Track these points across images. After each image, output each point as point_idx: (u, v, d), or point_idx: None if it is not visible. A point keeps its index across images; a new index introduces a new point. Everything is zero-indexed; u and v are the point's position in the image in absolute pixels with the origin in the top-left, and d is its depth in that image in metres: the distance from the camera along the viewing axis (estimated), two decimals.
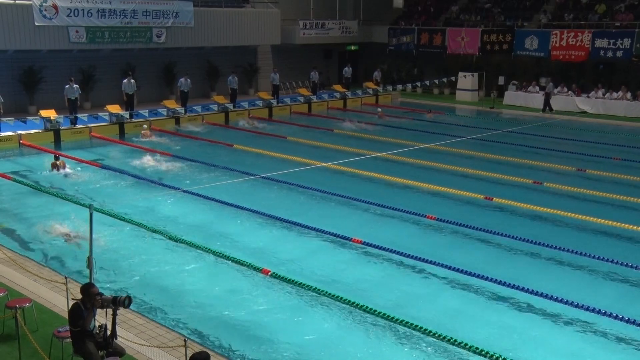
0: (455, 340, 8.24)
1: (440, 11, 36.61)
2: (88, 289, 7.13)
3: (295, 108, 28.25)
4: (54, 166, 16.87)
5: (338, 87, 31.92)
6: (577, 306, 9.26)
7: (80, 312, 7.00)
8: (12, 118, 20.62)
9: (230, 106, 26.13)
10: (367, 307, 9.21)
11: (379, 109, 27.87)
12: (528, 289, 9.73)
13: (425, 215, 13.41)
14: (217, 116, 25.47)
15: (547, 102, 28.66)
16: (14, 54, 23.91)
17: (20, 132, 20.30)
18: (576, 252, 11.32)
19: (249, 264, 10.72)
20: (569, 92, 29.36)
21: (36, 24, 23.32)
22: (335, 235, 12.22)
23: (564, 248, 11.48)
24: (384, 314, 8.99)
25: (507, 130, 22.89)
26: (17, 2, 22.89)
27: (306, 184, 15.67)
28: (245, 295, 9.85)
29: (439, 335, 8.40)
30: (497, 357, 7.84)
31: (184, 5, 27.68)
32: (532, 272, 10.89)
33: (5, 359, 7.69)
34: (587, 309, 9.17)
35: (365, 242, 11.80)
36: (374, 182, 16.57)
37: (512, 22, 32.22)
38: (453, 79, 32.46)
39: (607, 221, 13.02)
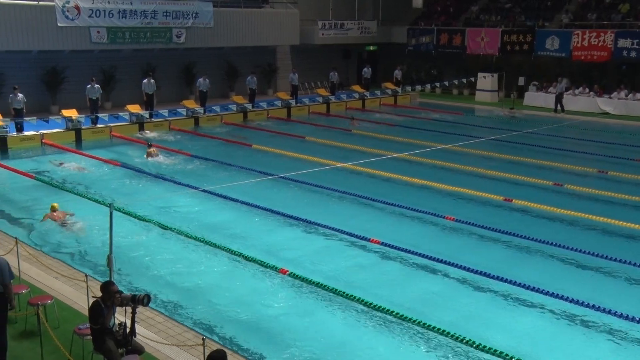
0: (474, 343, 8.19)
1: (460, 11, 36.38)
2: (108, 287, 7.21)
3: (313, 108, 28.28)
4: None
5: (357, 88, 31.87)
6: (597, 309, 9.15)
7: (100, 310, 7.08)
8: (35, 118, 20.94)
9: (249, 106, 26.23)
10: (384, 307, 9.19)
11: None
12: (548, 292, 9.64)
13: (444, 216, 13.34)
14: (236, 116, 25.59)
15: (558, 102, 28.40)
16: (37, 55, 24.26)
17: (42, 131, 20.60)
18: (598, 255, 11.18)
19: (267, 263, 10.75)
20: (590, 92, 29.00)
21: (59, 24, 23.63)
22: (353, 235, 12.20)
23: (585, 250, 11.34)
24: (402, 315, 8.96)
25: (527, 131, 22.68)
26: (40, 3, 23.21)
27: (324, 184, 15.67)
28: (263, 294, 9.87)
29: (457, 337, 8.35)
30: None
31: (203, 5, 27.85)
32: (553, 274, 10.76)
33: (28, 354, 7.81)
34: (609, 312, 9.06)
35: (383, 242, 11.77)
36: (392, 183, 16.52)
37: (532, 22, 31.91)
38: (472, 79, 32.24)
39: (629, 224, 12.84)
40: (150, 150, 18.91)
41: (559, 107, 28.48)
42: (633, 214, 13.71)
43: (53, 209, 12.96)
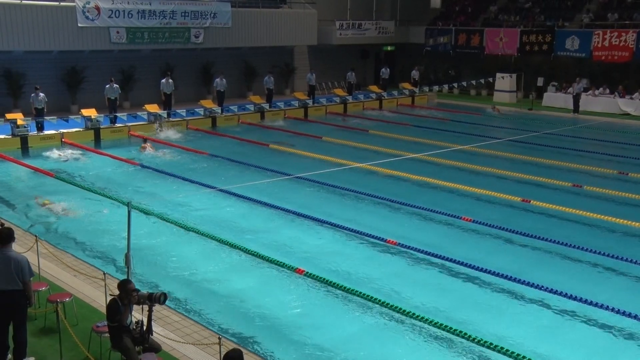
0: (491, 344, 8.13)
1: (479, 11, 36.14)
2: (125, 285, 7.27)
3: (330, 108, 28.27)
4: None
5: (374, 88, 31.81)
6: (617, 312, 9.04)
7: (117, 308, 7.14)
8: (55, 117, 21.21)
9: (267, 106, 26.30)
10: (400, 308, 9.16)
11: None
12: (566, 294, 9.54)
13: (461, 217, 13.26)
14: (253, 116, 25.67)
15: (576, 103, 28.13)
16: (57, 55, 24.54)
17: (62, 130, 20.85)
18: (617, 257, 11.05)
19: (284, 263, 10.77)
20: (614, 93, 28.60)
21: (79, 25, 23.88)
22: (370, 235, 12.18)
23: (604, 252, 11.21)
24: (417, 315, 8.93)
25: (545, 132, 22.47)
26: (61, 4, 23.48)
27: (341, 184, 15.67)
28: (280, 294, 9.90)
29: (472, 338, 8.30)
30: None
31: (221, 6, 27.98)
32: (572, 276, 10.66)
33: (47, 351, 7.90)
34: (629, 315, 8.94)
35: (399, 243, 11.74)
36: (409, 183, 16.47)
37: (552, 22, 31.60)
38: (491, 79, 32.01)
39: None
40: (145, 145, 19.83)
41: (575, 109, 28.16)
42: None
43: (44, 204, 13.79)
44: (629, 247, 11.92)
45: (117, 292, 7.33)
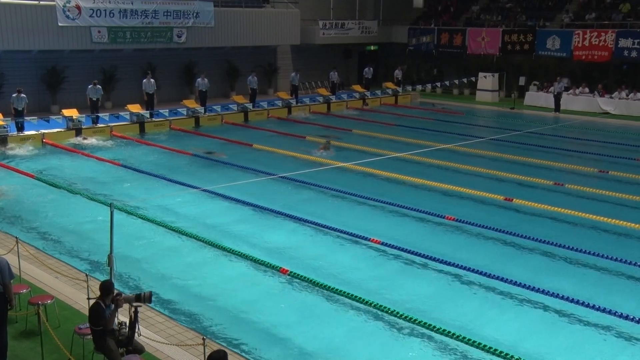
0: (475, 342, 8.19)
1: (461, 11, 36.37)
2: (106, 286, 7.22)
3: (314, 108, 28.28)
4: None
5: (357, 87, 31.87)
6: (596, 309, 9.15)
7: (102, 311, 7.07)
8: (36, 117, 20.96)
9: (250, 106, 26.23)
10: (384, 306, 9.18)
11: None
12: (547, 291, 9.64)
13: (445, 216, 13.34)
14: (237, 116, 25.59)
15: (557, 102, 28.42)
16: (37, 54, 24.26)
17: (43, 130, 20.61)
18: (597, 255, 11.18)
19: (268, 263, 10.75)
20: (594, 92, 28.94)
21: (59, 24, 23.63)
22: (353, 235, 12.21)
23: (584, 250, 11.34)
24: (402, 314, 8.96)
25: (527, 131, 22.67)
26: (41, 3, 23.22)
27: (325, 183, 15.67)
28: (264, 294, 9.88)
29: (454, 335, 8.36)
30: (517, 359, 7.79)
31: (204, 5, 27.85)
32: (554, 273, 10.77)
33: (28, 354, 7.81)
34: (608, 312, 9.06)
35: (383, 242, 11.77)
36: (392, 182, 16.52)
37: (533, 22, 31.90)
38: (473, 79, 32.23)
39: (629, 223, 12.83)
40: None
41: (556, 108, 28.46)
42: (633, 214, 13.70)
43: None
44: (609, 243, 12.09)
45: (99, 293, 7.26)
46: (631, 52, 27.97)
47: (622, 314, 8.98)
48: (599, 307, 9.17)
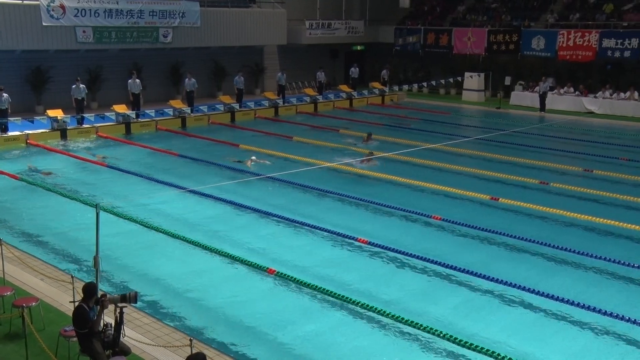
0: (461, 340, 8.23)
1: (447, 11, 36.54)
2: (90, 288, 7.17)
3: (301, 108, 28.27)
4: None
5: (344, 87, 31.89)
6: (582, 307, 9.23)
7: (87, 314, 7.02)
8: (20, 118, 20.75)
9: (237, 106, 26.16)
10: (371, 306, 9.21)
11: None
12: (533, 290, 9.72)
13: (431, 216, 13.39)
14: (223, 116, 25.52)
15: (542, 102, 28.65)
16: (21, 54, 24.04)
17: (27, 131, 20.42)
18: (582, 253, 11.28)
19: (255, 263, 10.74)
20: (577, 92, 29.22)
21: (44, 24, 23.43)
22: (340, 234, 12.22)
23: (570, 249, 11.44)
24: (389, 313, 8.99)
25: (513, 130, 22.83)
26: (24, 2, 23.00)
27: (312, 184, 15.68)
28: (251, 294, 9.86)
29: (444, 335, 8.40)
30: (503, 358, 7.82)
31: (190, 5, 27.74)
32: (538, 272, 10.85)
33: (13, 357, 7.73)
34: (593, 309, 9.14)
35: (370, 242, 11.80)
36: (380, 182, 16.56)
37: (518, 22, 32.12)
38: (459, 79, 32.39)
39: (613, 222, 12.96)
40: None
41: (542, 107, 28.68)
42: (617, 212, 13.84)
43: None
44: (595, 242, 12.20)
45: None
46: (614, 52, 28.25)
47: (609, 312, 9.05)
48: (585, 305, 9.25)
